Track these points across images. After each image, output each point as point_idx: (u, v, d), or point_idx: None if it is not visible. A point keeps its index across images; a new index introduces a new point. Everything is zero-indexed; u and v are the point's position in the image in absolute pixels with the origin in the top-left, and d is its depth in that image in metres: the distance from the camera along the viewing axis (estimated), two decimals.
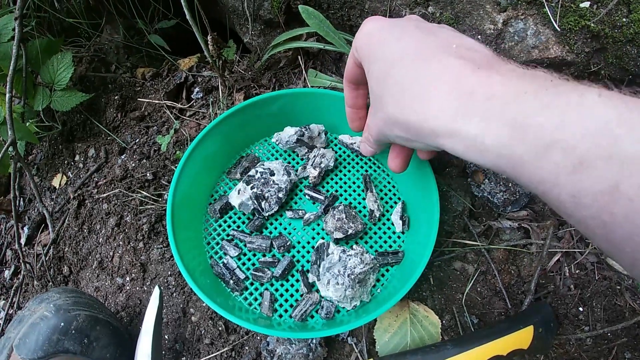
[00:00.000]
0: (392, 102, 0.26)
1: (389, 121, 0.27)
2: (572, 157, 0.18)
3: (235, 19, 0.64)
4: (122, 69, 0.69)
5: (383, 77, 0.27)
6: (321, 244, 0.43)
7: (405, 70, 0.25)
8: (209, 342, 0.45)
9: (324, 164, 0.49)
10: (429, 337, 0.43)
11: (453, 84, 0.23)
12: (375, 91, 0.28)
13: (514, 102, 0.20)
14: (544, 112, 0.19)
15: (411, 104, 0.25)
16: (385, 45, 0.27)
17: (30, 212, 0.61)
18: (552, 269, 0.48)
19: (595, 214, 0.17)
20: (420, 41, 0.26)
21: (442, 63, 0.24)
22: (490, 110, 0.21)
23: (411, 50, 0.26)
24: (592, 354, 0.45)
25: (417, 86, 0.24)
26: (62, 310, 0.41)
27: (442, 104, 0.23)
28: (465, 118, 0.22)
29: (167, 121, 0.62)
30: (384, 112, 0.27)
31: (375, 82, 0.28)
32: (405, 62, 0.26)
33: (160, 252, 0.52)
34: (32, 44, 0.57)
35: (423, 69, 0.25)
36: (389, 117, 0.27)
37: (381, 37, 0.28)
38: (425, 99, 0.24)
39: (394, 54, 0.26)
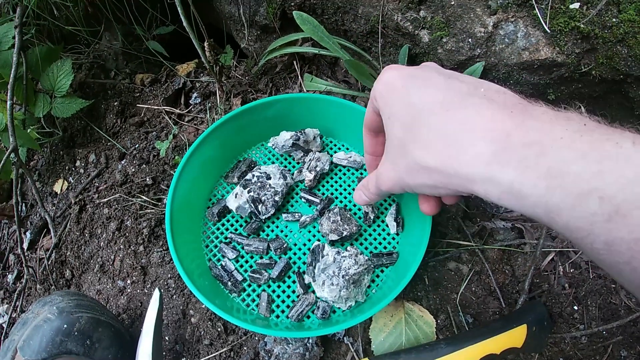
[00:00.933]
0: (420, 148, 0.26)
1: (416, 167, 0.26)
2: (608, 206, 0.18)
3: (232, 24, 0.65)
4: (121, 75, 0.70)
5: (409, 124, 0.27)
6: (316, 245, 0.44)
7: (436, 116, 0.25)
8: (208, 343, 0.46)
9: (320, 168, 0.50)
10: (424, 337, 0.44)
11: (488, 129, 0.22)
12: (398, 139, 0.28)
13: (550, 150, 0.20)
14: (581, 160, 0.19)
15: (444, 149, 0.24)
16: (409, 93, 0.27)
17: (32, 217, 0.62)
18: (546, 268, 0.48)
19: (629, 260, 0.18)
20: (447, 87, 0.26)
21: (475, 108, 0.24)
22: (527, 157, 0.20)
23: (439, 97, 0.26)
24: (588, 352, 0.45)
25: (450, 131, 0.24)
26: (64, 313, 0.42)
27: (478, 148, 0.22)
28: (501, 164, 0.21)
29: (166, 126, 0.63)
30: (409, 159, 0.27)
31: (399, 129, 0.28)
32: (435, 108, 0.25)
33: (160, 255, 0.53)
34: (32, 52, 0.58)
35: (455, 115, 0.24)
36: (416, 163, 0.26)
37: (403, 85, 0.28)
38: (460, 144, 0.23)
39: (421, 101, 0.26)
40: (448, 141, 0.24)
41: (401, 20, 0.47)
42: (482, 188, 0.23)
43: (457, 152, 0.23)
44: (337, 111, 0.50)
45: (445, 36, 0.46)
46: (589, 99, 0.49)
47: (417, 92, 0.27)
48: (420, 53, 0.49)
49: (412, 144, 0.26)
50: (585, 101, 0.50)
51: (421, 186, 0.27)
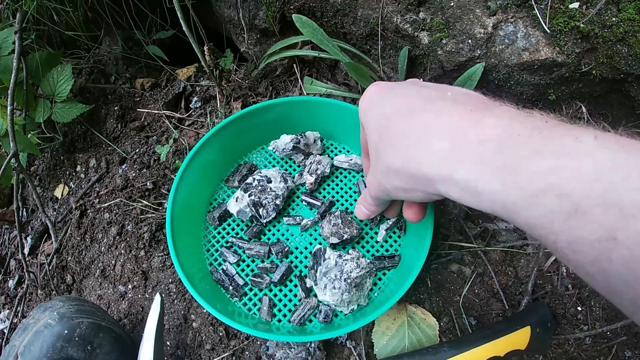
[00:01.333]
0: (390, 152, 0.26)
1: (388, 172, 0.27)
2: (567, 204, 0.17)
3: (232, 28, 0.65)
4: (122, 80, 0.70)
5: (380, 131, 0.28)
6: (318, 249, 0.44)
7: (402, 121, 0.26)
8: (210, 348, 0.46)
9: (320, 171, 0.50)
10: (426, 340, 0.43)
11: (446, 129, 0.23)
12: (374, 146, 0.29)
13: (506, 146, 0.19)
14: (537, 156, 0.18)
15: (408, 151, 0.25)
16: (383, 103, 0.29)
17: (33, 222, 0.62)
18: (549, 269, 0.48)
19: (594, 260, 0.17)
20: (417, 94, 0.27)
21: (436, 110, 0.24)
22: (482, 154, 0.20)
23: (409, 103, 0.27)
24: (592, 353, 0.45)
25: (414, 133, 0.25)
26: (65, 318, 0.41)
27: (436, 147, 0.23)
28: (457, 163, 0.21)
29: (167, 131, 0.63)
30: (382, 164, 0.27)
31: (375, 138, 0.29)
32: (402, 113, 0.26)
33: (161, 260, 0.52)
34: (32, 57, 0.58)
35: (418, 117, 0.25)
36: (387, 167, 0.27)
37: (380, 97, 0.29)
38: (421, 145, 0.24)
39: (392, 108, 0.27)
40: (410, 143, 0.25)
41: (401, 22, 0.47)
42: (443, 188, 0.23)
43: (418, 153, 0.24)
44: (338, 114, 0.50)
45: (445, 37, 0.45)
46: (590, 98, 0.49)
47: (390, 101, 0.28)
48: (420, 55, 0.49)
49: (384, 149, 0.27)
50: (586, 101, 0.49)
51: (396, 189, 0.28)
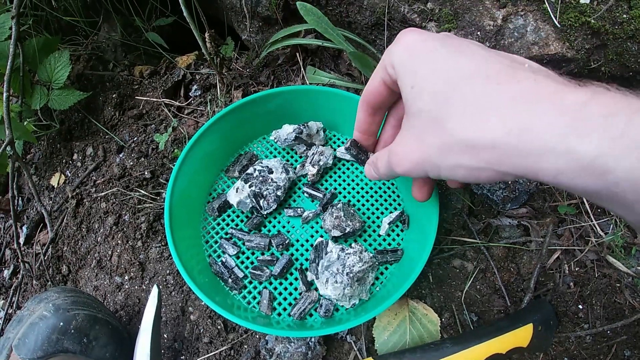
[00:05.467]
0: (465, 123, 0.22)
1: (456, 146, 0.23)
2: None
3: (233, 16, 0.63)
4: (120, 67, 0.68)
5: (444, 95, 0.23)
6: (320, 242, 0.43)
7: (484, 87, 0.22)
8: (208, 341, 0.45)
9: (323, 162, 0.49)
10: (428, 335, 0.43)
11: (557, 100, 0.20)
12: (427, 112, 0.24)
13: (635, 120, 0.17)
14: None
15: (501, 123, 0.21)
16: (442, 59, 0.24)
17: (28, 211, 0.61)
18: (551, 266, 0.48)
19: None
20: (487, 58, 0.23)
21: (530, 80, 0.21)
22: (610, 128, 0.18)
23: (482, 67, 0.23)
24: (592, 351, 0.45)
25: (507, 104, 0.21)
26: (61, 310, 0.41)
27: (550, 118, 0.19)
28: (581, 136, 0.18)
29: (165, 119, 0.62)
30: (446, 136, 0.23)
31: (429, 101, 0.24)
32: (479, 79, 0.22)
33: (158, 251, 0.52)
34: (29, 43, 0.57)
35: (509, 87, 0.21)
36: (458, 141, 0.22)
37: (433, 50, 0.24)
38: (523, 116, 0.20)
39: (461, 70, 0.23)
40: (505, 114, 0.20)
41: (408, 12, 0.46)
42: (554, 165, 0.19)
43: (522, 125, 0.20)
44: (341, 104, 0.49)
45: (454, 29, 0.44)
46: None
47: (452, 58, 0.23)
48: None
49: (452, 118, 0.22)
50: None
51: (455, 168, 0.23)
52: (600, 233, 0.49)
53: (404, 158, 0.26)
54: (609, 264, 0.48)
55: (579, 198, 0.50)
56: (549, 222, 0.49)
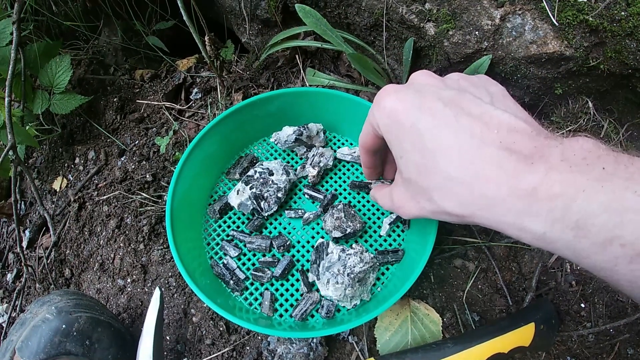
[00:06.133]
0: (445, 197, 0.27)
1: (442, 211, 0.28)
2: (630, 251, 0.20)
3: (233, 18, 0.64)
4: (121, 71, 0.69)
5: (426, 170, 0.28)
6: (320, 243, 0.43)
7: (456, 166, 0.26)
8: (210, 343, 0.46)
9: (323, 163, 0.49)
10: (430, 335, 0.43)
11: (514, 185, 0.24)
12: (415, 181, 0.29)
13: (575, 203, 0.22)
14: (605, 213, 0.21)
15: (472, 202, 0.26)
16: (420, 135, 0.27)
17: (31, 215, 0.61)
18: (553, 265, 0.48)
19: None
20: (459, 129, 0.26)
21: (495, 161, 0.25)
22: (554, 210, 0.22)
23: (453, 141, 0.26)
24: (595, 350, 0.45)
25: (475, 186, 0.25)
26: (63, 313, 0.41)
27: (509, 204, 0.24)
28: (531, 216, 0.23)
29: (166, 122, 0.62)
30: (433, 204, 0.28)
31: (415, 173, 0.28)
32: (453, 156, 0.26)
33: (160, 254, 0.52)
34: (30, 48, 0.57)
35: (476, 167, 0.25)
36: (442, 210, 0.28)
37: (412, 124, 0.28)
38: (488, 198, 0.25)
39: (435, 146, 0.27)
40: (474, 194, 0.25)
41: (406, 13, 0.46)
42: (515, 234, 0.25)
43: (487, 205, 0.25)
44: (341, 105, 0.50)
45: (452, 29, 0.45)
46: (596, 93, 0.49)
47: (429, 134, 0.27)
48: (426, 46, 0.48)
49: (435, 192, 0.28)
50: (592, 96, 0.49)
51: (446, 220, 0.29)
52: None
53: (408, 212, 0.32)
54: None
55: None
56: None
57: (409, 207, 0.32)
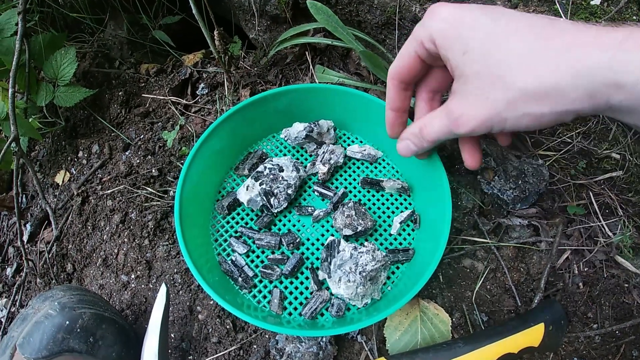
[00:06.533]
0: (527, 70, 0.24)
1: (519, 97, 0.25)
2: None
3: (241, 14, 0.63)
4: (126, 65, 0.68)
5: (498, 54, 0.25)
6: (332, 240, 0.43)
7: (532, 39, 0.24)
8: (216, 341, 0.45)
9: (333, 161, 0.48)
10: (439, 335, 0.43)
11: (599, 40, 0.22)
12: (486, 72, 0.26)
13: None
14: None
15: (559, 66, 0.23)
16: (487, 23, 0.26)
17: (32, 209, 0.60)
18: (561, 266, 0.48)
19: None
20: (524, 17, 0.25)
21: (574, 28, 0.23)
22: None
23: (525, 23, 0.25)
24: (601, 351, 0.45)
25: (562, 48, 0.23)
26: (67, 309, 0.40)
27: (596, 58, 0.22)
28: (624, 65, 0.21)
29: (172, 117, 0.61)
30: (508, 89, 0.25)
31: (483, 63, 0.26)
32: (528, 34, 0.24)
33: (165, 249, 0.51)
34: (35, 39, 0.56)
35: (556, 38, 0.23)
36: (520, 92, 0.25)
37: (474, 18, 0.27)
38: (578, 59, 0.22)
39: (508, 29, 0.25)
40: (560, 57, 0.23)
41: (419, 12, 0.46)
42: (604, 99, 0.22)
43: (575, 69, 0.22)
44: (352, 103, 0.49)
45: None
46: None
47: (495, 22, 0.26)
48: None
49: (511, 73, 0.25)
50: None
51: (522, 117, 0.26)
52: (608, 233, 0.49)
53: (471, 118, 0.28)
54: (618, 264, 0.48)
55: (588, 198, 0.50)
56: (558, 222, 0.49)
57: (475, 109, 0.27)
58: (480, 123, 0.28)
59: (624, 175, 0.50)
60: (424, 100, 0.37)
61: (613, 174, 0.50)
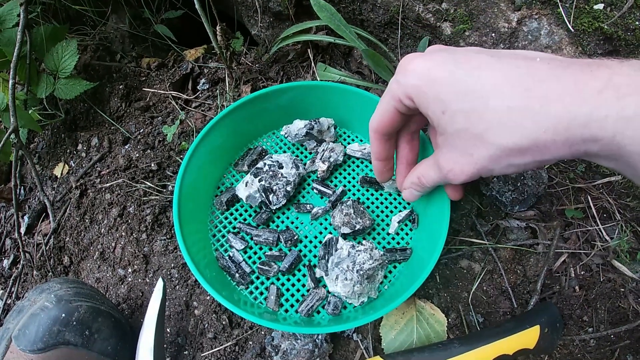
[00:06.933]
0: (506, 131, 0.24)
1: (504, 153, 0.25)
2: None
3: (244, 10, 0.63)
4: (127, 59, 0.68)
5: (476, 111, 0.25)
6: (330, 238, 0.43)
7: (509, 96, 0.24)
8: (212, 336, 0.45)
9: (333, 159, 0.48)
10: (435, 335, 0.43)
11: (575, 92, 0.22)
12: (465, 130, 0.26)
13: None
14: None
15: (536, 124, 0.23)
16: (462, 80, 0.26)
17: (30, 201, 0.60)
18: (558, 269, 0.48)
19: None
20: (501, 66, 0.25)
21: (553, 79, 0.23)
22: (624, 110, 0.21)
23: (501, 77, 0.24)
24: (596, 355, 0.45)
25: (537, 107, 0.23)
26: (63, 301, 0.40)
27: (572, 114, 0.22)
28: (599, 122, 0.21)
29: (172, 112, 0.61)
30: (492, 148, 0.25)
31: (463, 121, 0.26)
32: (505, 89, 0.24)
33: (163, 244, 0.51)
34: (37, 31, 0.56)
35: (535, 90, 0.23)
36: (504, 150, 0.25)
37: (449, 74, 0.26)
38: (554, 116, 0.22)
39: (483, 86, 0.25)
40: (536, 116, 0.23)
41: (422, 12, 0.46)
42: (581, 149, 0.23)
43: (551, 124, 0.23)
44: (353, 101, 0.49)
45: (468, 30, 0.45)
46: None
47: (471, 77, 0.25)
48: None
49: (492, 131, 0.25)
50: None
51: (506, 168, 0.26)
52: (606, 237, 0.49)
53: (460, 173, 0.29)
54: (614, 269, 0.48)
55: (586, 202, 0.50)
56: (556, 225, 0.49)
57: (462, 166, 0.29)
58: (468, 177, 0.29)
59: (622, 180, 0.50)
60: (405, 141, 0.39)
61: (611, 178, 0.50)
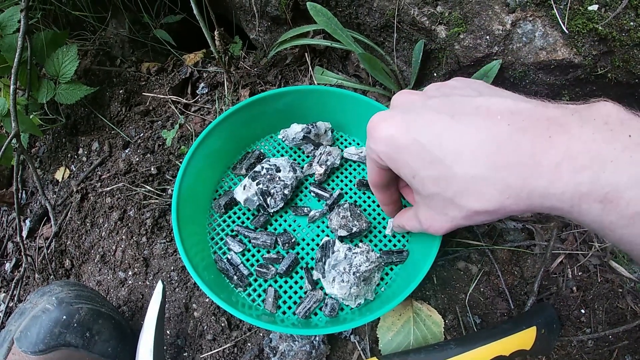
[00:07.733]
0: (473, 199, 0.26)
1: (474, 214, 0.27)
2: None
3: (242, 15, 0.64)
4: (127, 63, 0.68)
5: (443, 178, 0.27)
6: (327, 241, 0.43)
7: (471, 164, 0.25)
8: (211, 338, 0.45)
9: (330, 162, 0.49)
10: (432, 337, 0.43)
11: (534, 165, 0.23)
12: (437, 194, 0.28)
13: (602, 175, 0.21)
14: (635, 188, 0.20)
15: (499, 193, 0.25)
16: (426, 149, 0.26)
17: (32, 204, 0.61)
18: (555, 270, 0.48)
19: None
20: (462, 130, 0.25)
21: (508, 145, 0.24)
22: (580, 185, 0.22)
23: (461, 142, 0.25)
24: (594, 356, 0.45)
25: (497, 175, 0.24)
26: (64, 303, 0.40)
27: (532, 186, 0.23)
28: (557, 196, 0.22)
29: (172, 116, 0.62)
30: (463, 210, 0.27)
31: (434, 187, 0.27)
32: (466, 156, 0.25)
33: (163, 247, 0.51)
34: (37, 36, 0.57)
35: (491, 158, 0.24)
36: (473, 212, 0.27)
37: (412, 141, 0.27)
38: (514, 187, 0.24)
39: (446, 154, 0.26)
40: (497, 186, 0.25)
41: (418, 15, 0.47)
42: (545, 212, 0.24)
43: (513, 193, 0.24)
44: (350, 105, 0.50)
45: (463, 32, 0.45)
46: None
47: (434, 143, 0.26)
48: (436, 49, 0.48)
49: (460, 197, 0.27)
50: None
51: (479, 222, 0.28)
52: (603, 238, 0.49)
53: (438, 228, 0.31)
54: (612, 269, 0.48)
55: None
56: (553, 227, 0.49)
57: (439, 223, 0.31)
58: (447, 231, 0.31)
59: None
60: (403, 186, 0.41)
61: None
